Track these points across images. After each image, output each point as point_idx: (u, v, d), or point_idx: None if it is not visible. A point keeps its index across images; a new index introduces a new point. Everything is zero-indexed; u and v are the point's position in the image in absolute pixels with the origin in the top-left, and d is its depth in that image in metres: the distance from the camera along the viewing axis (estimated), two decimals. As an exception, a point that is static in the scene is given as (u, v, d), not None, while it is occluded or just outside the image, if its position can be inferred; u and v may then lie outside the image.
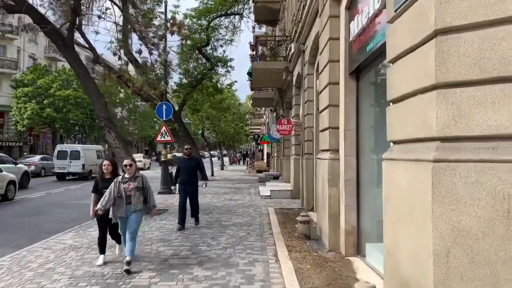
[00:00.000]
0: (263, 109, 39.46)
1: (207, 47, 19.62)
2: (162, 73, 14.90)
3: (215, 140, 35.97)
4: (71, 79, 33.22)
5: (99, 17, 11.13)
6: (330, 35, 6.45)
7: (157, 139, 12.61)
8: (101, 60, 11.71)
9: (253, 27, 24.61)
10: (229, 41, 20.23)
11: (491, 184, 2.65)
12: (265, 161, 35.22)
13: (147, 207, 5.75)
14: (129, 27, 11.32)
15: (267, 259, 6.02)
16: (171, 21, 12.45)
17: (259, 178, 21.63)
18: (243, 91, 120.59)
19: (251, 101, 31.15)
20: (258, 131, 44.10)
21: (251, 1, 19.06)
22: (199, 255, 6.28)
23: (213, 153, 45.06)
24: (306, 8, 9.10)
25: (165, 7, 13.58)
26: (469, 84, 2.77)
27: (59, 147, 23.67)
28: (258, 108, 38.79)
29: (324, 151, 7.04)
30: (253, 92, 23.87)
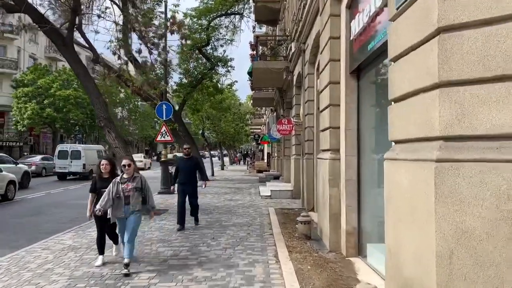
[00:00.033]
0: (264, 109, 39.44)
1: (207, 47, 19.59)
2: (162, 73, 14.87)
3: (215, 140, 35.95)
4: (71, 79, 33.21)
5: (99, 17, 11.12)
6: (330, 34, 6.41)
7: (157, 139, 12.57)
8: (101, 59, 11.69)
9: (254, 27, 24.57)
10: (229, 41, 20.22)
11: (495, 184, 2.60)
12: (265, 161, 35.21)
13: (146, 207, 5.71)
14: (129, 26, 11.29)
15: (268, 259, 5.98)
16: (171, 20, 12.42)
17: (259, 178, 21.61)
18: (243, 91, 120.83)
19: (252, 101, 31.11)
20: (258, 131, 44.04)
21: (251, 1, 19.02)
22: (198, 255, 6.24)
23: (213, 153, 45.13)
24: (306, 7, 9.06)
25: (165, 6, 13.56)
26: (472, 82, 2.72)
27: (60, 147, 23.70)
28: (258, 108, 38.77)
29: (324, 151, 7.00)
30: (253, 92, 23.84)
